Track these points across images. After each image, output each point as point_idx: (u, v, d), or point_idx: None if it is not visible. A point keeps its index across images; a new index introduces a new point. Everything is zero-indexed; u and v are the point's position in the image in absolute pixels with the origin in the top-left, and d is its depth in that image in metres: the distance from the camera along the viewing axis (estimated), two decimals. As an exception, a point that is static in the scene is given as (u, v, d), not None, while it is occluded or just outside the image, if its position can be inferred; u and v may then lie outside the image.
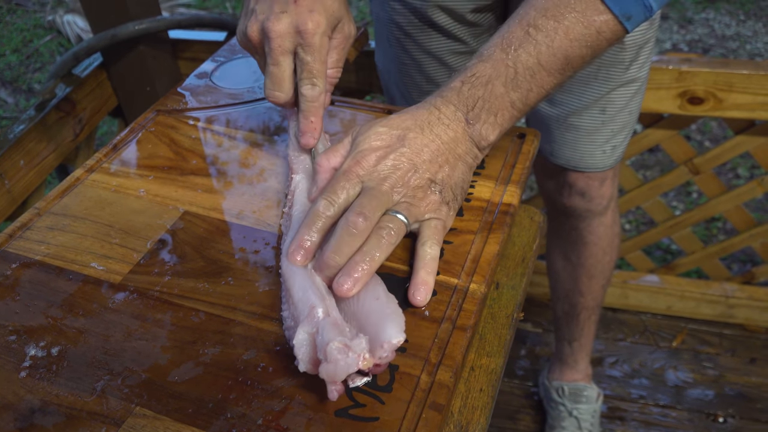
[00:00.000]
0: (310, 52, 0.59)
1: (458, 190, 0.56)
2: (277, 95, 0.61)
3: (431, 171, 0.54)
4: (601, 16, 0.55)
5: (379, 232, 0.52)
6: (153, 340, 0.50)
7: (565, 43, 0.56)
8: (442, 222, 0.55)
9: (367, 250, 0.51)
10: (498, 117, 0.57)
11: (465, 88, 0.57)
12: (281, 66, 0.59)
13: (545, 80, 0.57)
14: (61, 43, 3.17)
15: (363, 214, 0.51)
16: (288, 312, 0.50)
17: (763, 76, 1.10)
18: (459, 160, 0.56)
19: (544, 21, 0.56)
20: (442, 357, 0.47)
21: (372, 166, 0.54)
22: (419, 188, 0.54)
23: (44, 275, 0.55)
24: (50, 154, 1.14)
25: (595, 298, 1.20)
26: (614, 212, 1.10)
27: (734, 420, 1.36)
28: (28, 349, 0.49)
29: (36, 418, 0.45)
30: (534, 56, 0.56)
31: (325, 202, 0.53)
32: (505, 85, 0.56)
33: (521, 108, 0.58)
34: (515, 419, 1.41)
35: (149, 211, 0.61)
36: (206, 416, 0.44)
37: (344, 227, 0.51)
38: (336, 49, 0.63)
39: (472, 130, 0.56)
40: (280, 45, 0.58)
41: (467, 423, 0.46)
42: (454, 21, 0.89)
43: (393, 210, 0.53)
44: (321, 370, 0.43)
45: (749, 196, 1.34)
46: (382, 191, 0.53)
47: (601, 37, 0.56)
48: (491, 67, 0.56)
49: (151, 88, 1.27)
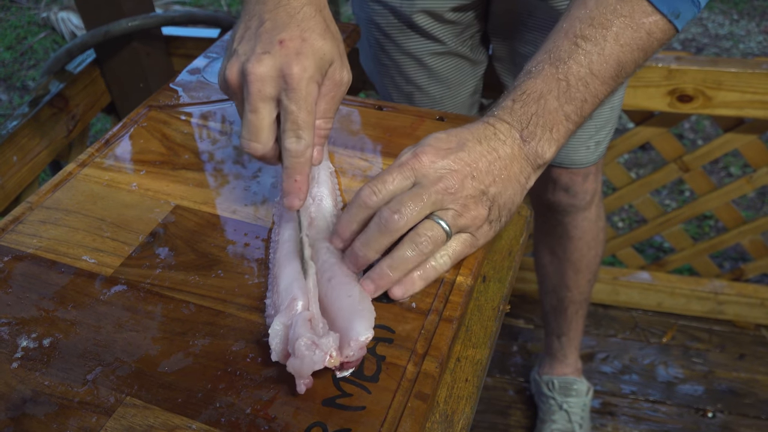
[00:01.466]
0: (295, 100, 0.51)
1: (505, 211, 0.54)
2: (253, 146, 0.53)
3: (486, 182, 0.52)
4: (650, 17, 0.54)
5: (415, 239, 0.50)
6: (144, 331, 0.50)
7: (616, 49, 0.54)
8: (474, 240, 0.53)
9: (398, 257, 0.49)
10: (554, 132, 0.55)
11: (517, 106, 0.55)
12: (259, 114, 0.52)
13: (599, 89, 0.55)
14: (55, 40, 3.16)
15: (400, 212, 0.49)
16: (271, 300, 0.50)
17: (751, 74, 1.12)
18: (512, 179, 0.53)
19: (591, 30, 0.54)
20: (428, 348, 0.48)
21: (429, 162, 0.51)
22: (471, 197, 0.51)
23: (36, 268, 0.56)
24: (43, 150, 1.14)
25: (582, 292, 1.22)
26: (598, 207, 1.12)
27: (723, 415, 1.38)
28: (19, 340, 0.50)
29: (27, 408, 0.46)
30: (585, 66, 0.54)
31: (369, 190, 0.51)
32: (558, 99, 0.54)
33: (576, 120, 0.56)
34: (506, 414, 1.42)
35: (141, 205, 0.62)
36: (195, 406, 0.45)
37: (376, 221, 0.50)
38: (325, 98, 0.56)
39: (527, 148, 0.54)
40: (260, 90, 0.51)
41: (452, 412, 0.47)
42: (434, 20, 0.89)
43: (438, 216, 0.51)
44: (288, 364, 0.44)
45: (738, 193, 1.36)
46: (432, 191, 0.50)
47: (652, 38, 0.55)
48: (542, 82, 0.55)
49: (144, 85, 1.27)
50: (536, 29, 0.87)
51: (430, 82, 0.97)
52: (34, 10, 3.39)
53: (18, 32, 3.24)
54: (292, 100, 0.51)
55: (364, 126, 0.72)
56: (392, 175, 0.51)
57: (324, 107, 0.56)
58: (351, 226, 0.52)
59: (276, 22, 0.53)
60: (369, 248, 0.50)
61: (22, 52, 3.09)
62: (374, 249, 0.50)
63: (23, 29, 3.26)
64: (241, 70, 0.52)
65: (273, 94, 0.52)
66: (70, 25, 3.11)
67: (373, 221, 0.50)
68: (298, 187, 0.53)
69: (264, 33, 0.53)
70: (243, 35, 0.54)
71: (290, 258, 0.52)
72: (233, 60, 0.53)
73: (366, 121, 0.72)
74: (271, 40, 0.52)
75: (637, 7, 0.54)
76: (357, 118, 0.73)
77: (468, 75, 0.99)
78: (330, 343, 0.44)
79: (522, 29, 0.88)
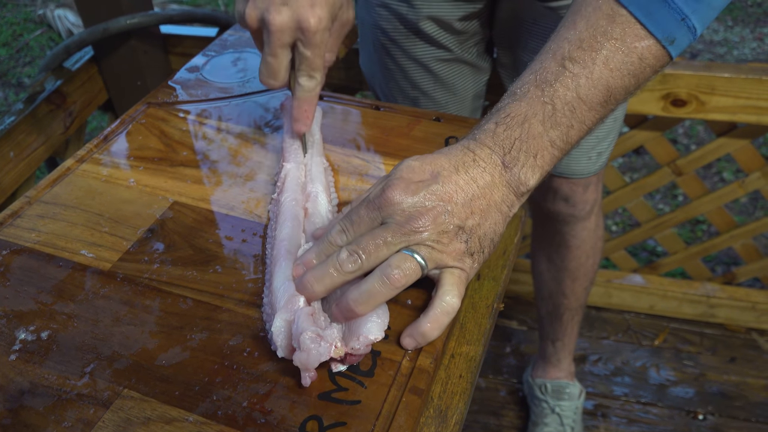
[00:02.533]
0: (310, 48, 0.59)
1: (486, 242, 0.51)
2: (270, 83, 0.62)
3: (461, 216, 0.49)
4: (642, 41, 0.51)
5: (386, 271, 0.47)
6: (141, 325, 0.51)
7: (605, 74, 0.51)
8: (466, 273, 0.51)
9: (365, 290, 0.47)
10: (538, 158, 0.52)
11: (500, 129, 0.52)
12: (278, 58, 0.60)
13: (586, 115, 0.52)
14: (52, 37, 3.16)
15: (359, 256, 0.48)
16: (267, 299, 0.51)
17: (744, 80, 1.13)
18: (493, 208, 0.51)
19: (580, 53, 0.51)
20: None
21: (399, 199, 0.49)
22: (445, 233, 0.49)
23: (34, 262, 0.56)
24: (40, 146, 1.14)
25: (578, 299, 1.22)
26: (598, 216, 1.12)
27: (714, 417, 1.39)
28: (18, 332, 0.50)
29: (25, 400, 0.46)
30: (573, 90, 0.51)
31: (339, 229, 0.50)
32: (543, 124, 0.51)
33: (562, 147, 0.53)
34: (499, 415, 1.43)
35: (139, 200, 0.62)
36: (192, 398, 0.46)
37: (333, 260, 0.48)
38: (333, 35, 0.63)
39: (510, 174, 0.51)
40: (279, 38, 0.58)
41: (446, 408, 0.48)
42: (441, 29, 0.90)
43: (411, 249, 0.48)
44: (294, 358, 0.44)
45: (731, 197, 1.37)
46: (399, 233, 0.48)
47: (644, 64, 0.52)
48: (526, 105, 0.52)
49: (142, 83, 1.27)
50: (541, 37, 0.87)
51: (435, 87, 0.97)
52: (30, 7, 3.38)
53: (14, 29, 3.23)
54: (308, 47, 0.59)
55: (361, 125, 0.72)
56: (361, 212, 0.50)
57: (331, 43, 0.63)
58: (315, 261, 0.51)
59: None
60: (320, 283, 0.48)
61: (18, 49, 3.08)
62: (325, 286, 0.48)
63: (19, 26, 3.25)
64: (261, 18, 0.58)
65: (290, 41, 0.59)
66: (67, 23, 3.11)
67: (331, 258, 0.49)
68: (306, 115, 0.63)
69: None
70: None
71: (286, 256, 0.53)
72: (251, 5, 0.59)
73: (363, 120, 0.73)
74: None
75: (629, 30, 0.51)
76: (354, 117, 0.74)
77: (472, 81, 1.00)
78: (334, 334, 0.45)
79: (526, 37, 0.89)
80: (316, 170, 0.62)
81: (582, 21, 0.52)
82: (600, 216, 1.13)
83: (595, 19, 0.52)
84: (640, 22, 0.51)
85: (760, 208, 1.96)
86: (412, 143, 0.69)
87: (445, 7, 0.86)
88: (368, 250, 0.48)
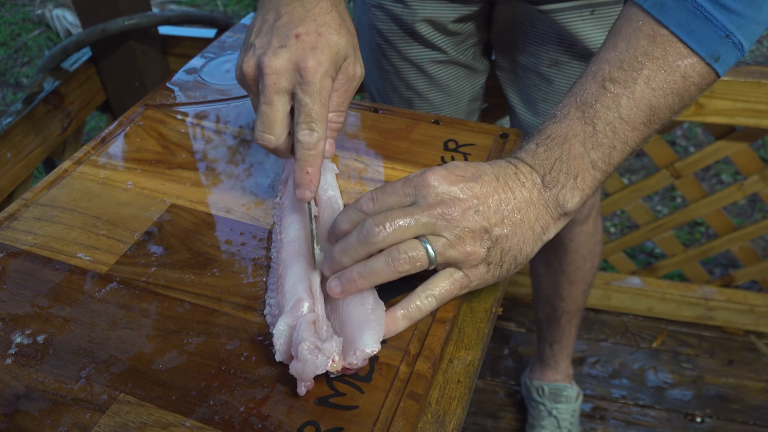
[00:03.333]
0: (309, 93, 0.52)
1: (508, 257, 0.50)
2: (267, 138, 0.54)
3: (491, 220, 0.49)
4: (686, 60, 0.50)
5: (393, 254, 0.47)
6: (138, 329, 0.51)
7: (647, 93, 0.50)
8: (468, 281, 0.50)
9: (370, 266, 0.48)
10: (578, 180, 0.51)
11: (540, 149, 0.51)
12: (274, 106, 0.53)
13: (629, 135, 0.51)
14: (50, 37, 3.15)
15: (384, 227, 0.47)
16: (275, 300, 0.51)
17: (742, 83, 1.13)
18: (525, 224, 0.50)
19: (621, 73, 0.51)
20: (421, 348, 0.49)
21: (435, 184, 0.49)
22: (469, 231, 0.48)
23: (31, 265, 0.56)
24: (37, 147, 1.14)
25: (575, 302, 1.22)
26: (596, 220, 1.12)
27: (711, 420, 1.39)
28: (14, 336, 0.50)
29: (21, 404, 0.46)
30: (614, 110, 0.51)
31: (369, 196, 0.50)
32: (584, 144, 0.51)
33: (604, 169, 0.52)
34: (497, 417, 1.43)
35: (136, 203, 0.62)
36: (189, 403, 0.45)
37: (358, 230, 0.48)
38: (338, 92, 0.57)
39: (548, 194, 0.51)
40: (275, 83, 0.52)
41: (444, 413, 0.47)
42: (436, 31, 0.89)
43: (426, 239, 0.48)
44: (291, 366, 0.44)
45: (729, 200, 1.37)
46: (426, 213, 0.48)
47: (688, 83, 0.51)
48: (567, 126, 0.51)
49: (140, 84, 1.27)
50: (538, 41, 0.87)
51: (431, 89, 0.97)
52: (28, 6, 3.38)
53: (12, 29, 3.22)
54: (306, 93, 0.52)
55: (360, 128, 0.72)
56: (394, 187, 0.50)
57: (337, 101, 0.57)
58: (344, 225, 0.51)
59: (292, 16, 0.54)
60: (345, 255, 0.49)
61: (16, 49, 3.08)
62: (350, 257, 0.48)
63: (18, 26, 3.25)
64: (257, 63, 0.54)
65: (288, 87, 0.53)
66: (65, 23, 3.10)
67: (356, 229, 0.49)
68: (309, 179, 0.54)
69: (281, 27, 0.54)
70: (260, 29, 0.55)
71: (296, 258, 0.53)
72: (250, 53, 0.54)
73: (362, 123, 0.73)
74: (287, 34, 0.53)
75: (670, 49, 0.50)
76: (353, 120, 0.73)
77: (468, 83, 0.99)
78: (333, 348, 0.44)
79: (524, 40, 0.88)
80: (331, 177, 0.62)
81: (622, 42, 0.52)
82: (598, 220, 1.13)
83: (635, 39, 0.51)
84: (682, 41, 0.50)
85: (758, 211, 1.96)
86: (410, 146, 0.68)
87: (441, 9, 0.86)
88: (395, 223, 0.47)
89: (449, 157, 0.66)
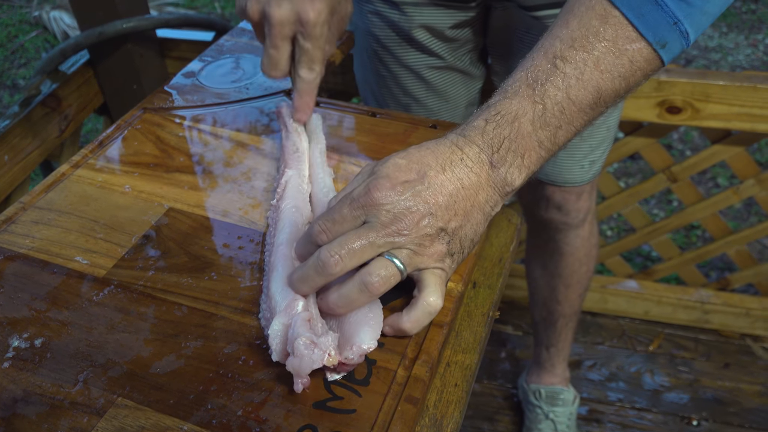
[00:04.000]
0: (310, 40, 0.62)
1: (467, 242, 0.51)
2: (273, 74, 0.64)
3: (444, 219, 0.49)
4: (634, 44, 0.51)
5: (365, 279, 0.48)
6: (136, 332, 0.51)
7: (596, 75, 0.51)
8: (445, 273, 0.51)
9: (345, 296, 0.48)
10: (525, 159, 0.52)
11: (489, 127, 0.51)
12: (280, 50, 0.62)
13: (575, 117, 0.52)
14: (47, 39, 3.15)
15: (340, 257, 0.47)
16: (266, 304, 0.51)
17: (738, 88, 1.13)
18: (476, 209, 0.51)
19: (572, 52, 0.51)
20: (418, 352, 0.49)
21: (383, 199, 0.48)
22: (427, 236, 0.49)
23: (28, 268, 0.56)
24: (35, 149, 1.14)
25: (572, 306, 1.22)
26: (591, 224, 1.12)
27: (708, 423, 1.39)
28: (11, 340, 0.50)
29: (18, 408, 0.46)
30: (563, 90, 0.51)
31: (319, 228, 0.50)
32: (532, 123, 0.51)
33: (549, 148, 0.52)
34: (494, 420, 1.43)
35: (134, 207, 0.62)
36: (187, 407, 0.45)
37: (314, 260, 0.48)
38: (332, 28, 0.65)
39: (496, 174, 0.51)
40: (280, 31, 0.61)
41: (442, 417, 0.47)
42: (433, 37, 0.89)
43: (391, 254, 0.48)
44: (288, 363, 0.44)
45: (725, 204, 1.38)
46: (382, 234, 0.48)
47: (634, 67, 0.51)
48: (517, 103, 0.52)
49: (138, 87, 1.27)
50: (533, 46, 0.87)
51: (428, 94, 0.97)
52: (26, 8, 3.37)
53: (9, 30, 3.22)
54: (308, 40, 0.62)
55: (357, 132, 0.72)
56: (343, 212, 0.49)
57: (329, 35, 0.65)
58: (301, 259, 0.52)
59: None
60: (304, 284, 0.49)
61: (12, 51, 3.07)
62: (309, 286, 0.49)
63: (14, 27, 3.25)
64: (262, 11, 0.61)
65: (291, 34, 0.62)
66: (62, 25, 3.10)
67: (311, 259, 0.49)
68: (307, 105, 0.66)
69: None
70: None
71: (284, 261, 0.53)
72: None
73: (360, 127, 0.73)
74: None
75: (621, 32, 0.50)
76: (351, 124, 0.74)
77: (465, 89, 1.00)
78: (329, 342, 0.44)
79: (519, 45, 0.89)
80: (328, 180, 0.63)
81: (574, 20, 0.52)
82: (594, 224, 1.13)
83: (587, 18, 0.51)
84: (632, 24, 0.50)
85: (754, 215, 1.97)
86: (408, 150, 0.69)
87: (437, 15, 0.86)
88: (351, 250, 0.47)
89: (447, 161, 0.67)
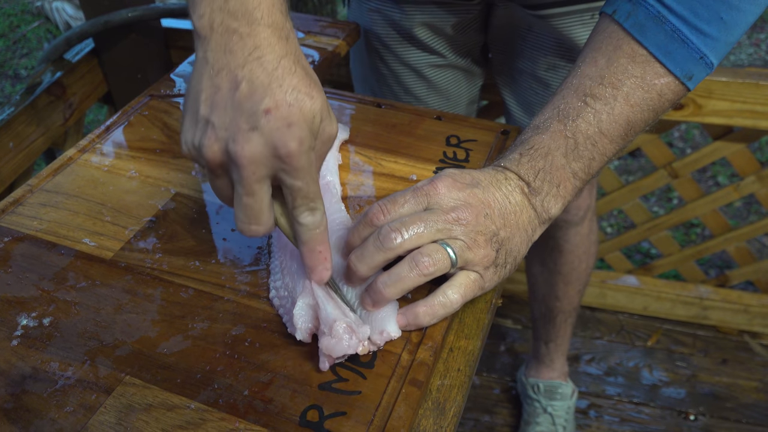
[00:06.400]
0: (300, 177, 0.45)
1: (510, 258, 0.53)
2: (255, 230, 0.47)
3: (498, 223, 0.51)
4: (662, 79, 0.53)
5: (416, 258, 0.48)
6: (143, 313, 0.51)
7: (626, 110, 0.54)
8: (482, 281, 0.51)
9: (395, 273, 0.48)
10: (560, 188, 0.54)
11: (524, 159, 0.54)
12: (257, 196, 0.46)
13: (607, 147, 0.55)
14: (49, 29, 3.15)
15: (400, 233, 0.48)
16: (282, 282, 0.51)
17: (740, 84, 1.14)
18: (521, 227, 0.53)
19: (601, 89, 0.54)
20: (422, 337, 0.50)
21: (446, 191, 0.50)
22: (482, 234, 0.50)
23: (36, 249, 0.57)
24: (39, 137, 1.14)
25: (571, 302, 1.23)
26: (591, 221, 1.12)
27: (705, 418, 1.40)
28: (20, 318, 0.51)
29: (27, 385, 0.46)
30: (594, 125, 0.54)
31: (378, 209, 0.50)
32: (565, 156, 0.54)
33: (583, 178, 0.55)
34: (493, 413, 1.44)
35: (141, 191, 0.63)
36: (194, 386, 0.46)
37: (374, 237, 0.49)
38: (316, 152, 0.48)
39: (534, 200, 0.53)
40: (254, 172, 0.44)
41: (445, 400, 0.48)
42: (434, 35, 0.89)
43: (446, 242, 0.49)
44: (323, 342, 0.45)
45: (725, 200, 1.38)
46: (442, 219, 0.49)
47: (663, 99, 0.54)
48: (549, 138, 0.54)
49: (142, 76, 1.27)
50: (535, 46, 0.87)
51: (429, 92, 0.97)
52: (28, -2, 3.37)
53: (11, 20, 3.22)
54: (296, 177, 0.45)
55: (362, 122, 0.73)
56: (405, 197, 0.51)
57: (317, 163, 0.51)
58: (355, 242, 0.51)
59: (254, 85, 0.43)
60: (362, 263, 0.49)
61: (15, 41, 3.07)
62: (366, 264, 0.48)
63: (17, 17, 3.24)
64: (225, 150, 0.44)
65: (268, 173, 0.45)
66: (65, 15, 3.10)
67: (372, 236, 0.49)
68: (323, 257, 0.49)
69: (243, 101, 0.43)
70: (213, 99, 0.44)
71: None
72: (210, 134, 0.44)
73: (365, 117, 0.73)
74: (254, 110, 0.43)
75: (648, 68, 0.53)
76: (357, 113, 0.74)
77: (467, 86, 1.00)
78: (366, 333, 0.47)
79: (521, 44, 0.89)
80: (333, 162, 0.63)
81: (602, 58, 0.54)
82: (594, 221, 1.14)
83: (615, 57, 0.54)
84: (660, 62, 0.53)
85: (754, 212, 1.98)
86: (414, 141, 0.69)
87: (439, 13, 0.86)
88: (412, 228, 0.48)
89: (451, 153, 0.67)
